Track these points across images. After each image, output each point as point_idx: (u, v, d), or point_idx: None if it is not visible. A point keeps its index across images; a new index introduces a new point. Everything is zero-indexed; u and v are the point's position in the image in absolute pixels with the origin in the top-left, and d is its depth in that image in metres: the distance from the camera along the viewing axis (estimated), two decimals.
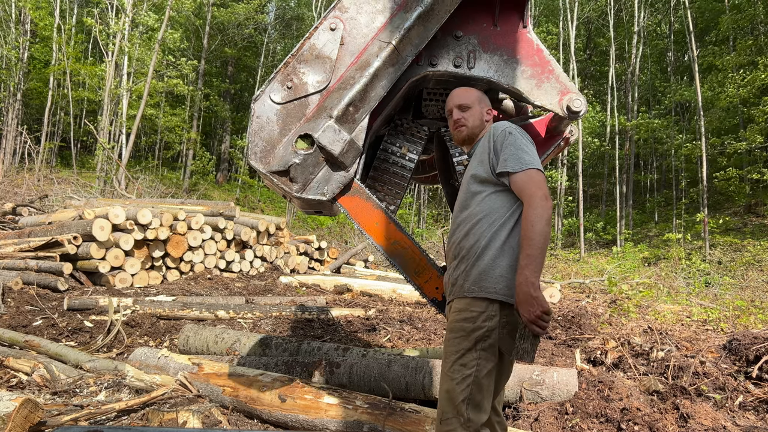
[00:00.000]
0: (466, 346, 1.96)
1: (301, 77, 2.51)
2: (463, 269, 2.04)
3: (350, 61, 2.53)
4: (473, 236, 2.04)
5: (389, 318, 6.49)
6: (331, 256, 12.49)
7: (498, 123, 2.18)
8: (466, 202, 2.12)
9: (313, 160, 2.47)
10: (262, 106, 2.48)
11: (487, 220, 2.02)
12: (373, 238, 2.60)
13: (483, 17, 2.72)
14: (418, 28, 2.49)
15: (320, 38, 2.53)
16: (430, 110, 3.07)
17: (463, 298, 2.01)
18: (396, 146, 2.92)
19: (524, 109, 3.15)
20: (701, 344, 4.48)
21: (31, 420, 2.70)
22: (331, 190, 2.51)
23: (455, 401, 1.93)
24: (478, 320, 1.95)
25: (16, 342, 4.66)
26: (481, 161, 2.11)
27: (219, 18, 26.05)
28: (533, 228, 1.87)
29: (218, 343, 4.45)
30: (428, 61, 2.68)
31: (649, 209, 23.85)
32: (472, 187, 2.11)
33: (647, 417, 3.25)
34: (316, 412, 3.10)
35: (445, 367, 2.00)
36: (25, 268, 7.32)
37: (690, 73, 22.97)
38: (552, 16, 27.45)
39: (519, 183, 1.97)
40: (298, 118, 2.50)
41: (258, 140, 2.47)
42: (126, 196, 15.35)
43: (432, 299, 2.58)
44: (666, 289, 9.13)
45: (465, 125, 2.25)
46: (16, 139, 21.33)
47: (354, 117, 2.49)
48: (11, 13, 22.29)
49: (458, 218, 2.14)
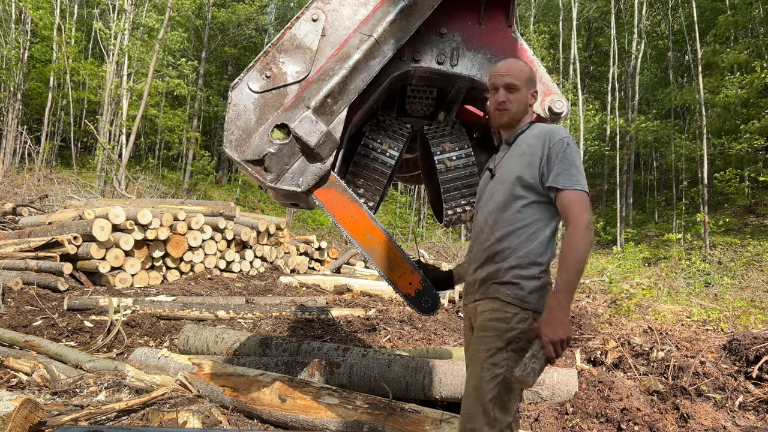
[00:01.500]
0: (499, 345, 1.93)
1: (280, 67, 2.48)
2: (494, 271, 1.99)
3: (331, 52, 2.50)
4: (510, 242, 1.97)
5: (389, 318, 6.49)
6: (331, 256, 12.49)
7: (556, 127, 2.05)
8: (506, 204, 2.01)
9: (289, 151, 2.44)
10: (239, 94, 2.46)
11: (527, 231, 1.97)
12: (347, 232, 2.58)
13: (468, 15, 2.71)
14: (400, 22, 2.48)
15: (301, 28, 2.51)
16: (414, 108, 3.06)
17: (497, 300, 1.97)
18: (377, 142, 2.90)
19: None
20: (701, 344, 4.48)
21: (31, 420, 2.70)
22: (306, 182, 2.49)
23: (483, 399, 1.90)
24: (512, 321, 1.93)
25: (16, 342, 4.66)
26: (530, 164, 1.98)
27: (219, 18, 26.05)
28: (575, 254, 1.84)
29: (218, 343, 4.45)
30: (411, 56, 2.66)
31: (649, 209, 23.86)
32: (516, 189, 1.99)
33: (647, 417, 3.25)
34: (316, 412, 3.10)
35: (474, 365, 1.97)
36: (25, 268, 7.32)
37: (690, 73, 22.96)
38: (552, 16, 27.44)
39: (566, 202, 1.91)
40: (275, 107, 2.47)
41: (234, 128, 2.44)
42: (126, 196, 15.35)
43: (405, 294, 2.57)
44: (666, 289, 9.13)
45: (508, 110, 2.07)
46: (16, 139, 21.34)
47: (332, 109, 2.47)
48: (11, 13, 22.30)
49: (494, 217, 2.03)
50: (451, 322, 6.55)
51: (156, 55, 19.07)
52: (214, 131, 31.45)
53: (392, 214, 26.87)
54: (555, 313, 1.82)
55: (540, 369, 1.81)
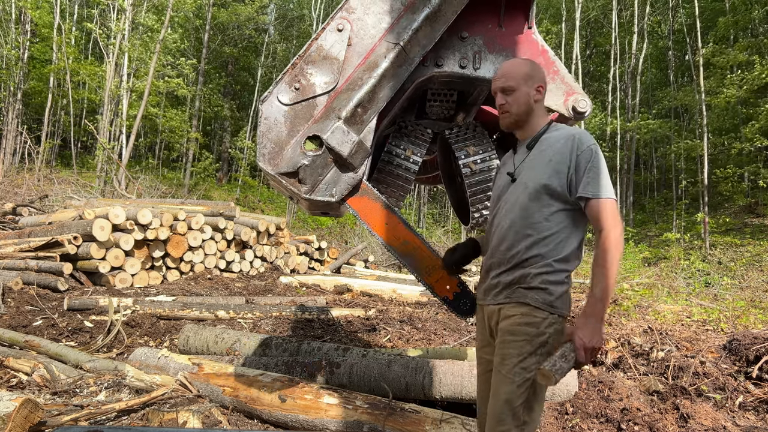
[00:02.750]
0: (529, 350, 1.93)
1: (308, 78, 2.50)
2: (521, 276, 1.98)
3: (358, 62, 2.52)
4: (539, 249, 1.97)
5: (389, 318, 6.49)
6: (331, 257, 12.49)
7: (581, 132, 2.01)
8: (533, 212, 1.98)
9: (322, 162, 2.46)
10: (269, 108, 2.47)
11: (555, 239, 1.97)
12: (383, 239, 2.60)
13: (488, 18, 2.72)
14: (425, 29, 2.49)
15: (327, 39, 2.52)
16: (434, 111, 3.06)
17: (525, 304, 1.96)
18: (400, 148, 2.92)
19: None
20: (701, 344, 4.48)
21: (31, 420, 2.70)
22: (340, 192, 2.50)
23: (513, 404, 1.91)
24: (541, 326, 1.93)
25: (16, 342, 4.66)
26: (558, 172, 1.96)
27: (219, 18, 26.05)
28: (611, 263, 1.86)
29: (218, 343, 4.45)
30: (434, 62, 2.68)
31: (649, 209, 23.87)
32: (543, 197, 1.97)
33: (647, 417, 3.25)
34: (316, 412, 3.10)
35: (504, 370, 1.96)
36: (25, 268, 7.32)
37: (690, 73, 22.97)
38: (552, 17, 27.45)
39: (596, 211, 1.92)
40: (306, 119, 2.49)
41: (266, 142, 2.46)
42: (126, 196, 15.35)
43: (443, 298, 2.58)
44: (666, 289, 9.13)
45: (509, 112, 2.07)
46: (16, 139, 21.33)
47: (362, 118, 2.49)
48: (11, 13, 22.29)
49: (520, 224, 2.00)
50: (451, 322, 6.55)
51: (156, 56, 19.07)
52: (214, 131, 31.45)
53: None
54: (592, 320, 1.84)
55: (567, 370, 1.82)
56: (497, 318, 2.04)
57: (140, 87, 20.77)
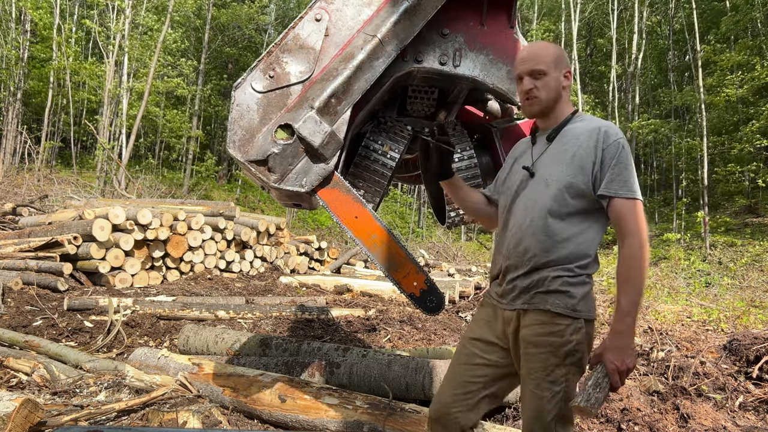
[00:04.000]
0: (555, 362, 1.79)
1: (283, 67, 2.48)
2: (539, 279, 1.84)
3: (334, 52, 2.50)
4: (560, 251, 1.82)
5: (389, 318, 6.49)
6: (331, 257, 12.48)
7: (608, 125, 1.86)
8: (555, 211, 1.82)
9: (293, 151, 2.43)
10: (242, 94, 2.44)
11: (577, 240, 1.82)
12: (351, 232, 2.57)
13: (470, 16, 2.71)
14: (404, 22, 2.47)
15: (305, 28, 2.50)
16: (415, 108, 3.05)
17: (546, 311, 1.82)
18: (378, 144, 2.89)
19: (509, 111, 3.14)
20: (701, 344, 4.48)
21: (31, 420, 2.70)
22: (310, 182, 2.47)
23: (544, 420, 1.79)
24: (565, 334, 1.79)
25: (16, 342, 4.65)
26: (582, 168, 1.80)
27: (219, 19, 26.05)
28: (640, 271, 1.70)
29: (218, 344, 4.45)
30: (414, 57, 2.66)
31: (649, 209, 23.86)
32: (566, 196, 1.81)
33: (647, 417, 3.25)
34: (316, 413, 3.09)
35: (531, 385, 1.82)
36: (25, 268, 7.32)
37: (690, 73, 22.97)
38: (552, 16, 27.45)
39: (620, 212, 1.75)
40: (279, 107, 2.46)
41: (237, 128, 2.43)
42: (126, 196, 15.35)
43: (410, 294, 2.56)
44: (666, 289, 9.13)
45: (538, 97, 1.88)
46: (16, 139, 21.33)
47: (336, 109, 2.46)
48: (11, 13, 22.29)
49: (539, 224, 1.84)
50: (451, 323, 6.55)
51: (156, 56, 19.07)
52: (214, 131, 31.45)
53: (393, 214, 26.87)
54: (623, 339, 1.69)
55: (604, 399, 1.66)
56: (516, 325, 1.90)
57: (140, 87, 20.76)
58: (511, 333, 1.92)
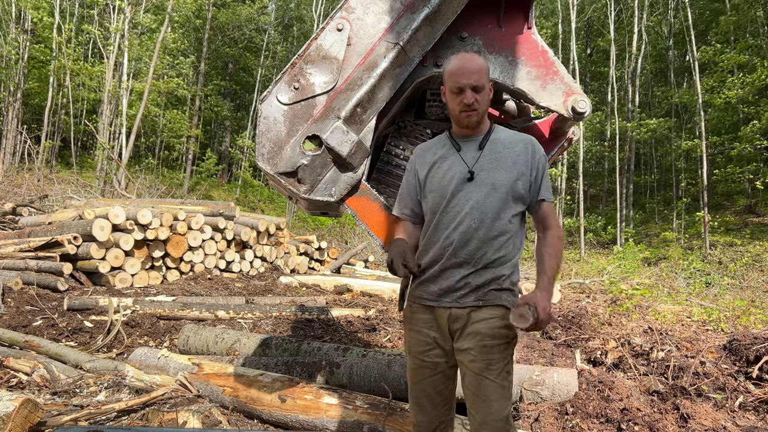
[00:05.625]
0: (510, 352, 2.02)
1: (308, 78, 2.50)
2: (493, 278, 2.00)
3: (357, 61, 2.52)
4: (506, 250, 2.02)
5: (389, 318, 6.49)
6: (331, 257, 12.48)
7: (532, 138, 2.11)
8: (499, 213, 1.99)
9: (321, 161, 2.46)
10: (269, 107, 2.47)
11: (514, 240, 2.06)
12: (380, 239, 2.59)
13: (488, 18, 2.71)
14: (425, 28, 2.49)
15: (327, 39, 2.52)
16: (433, 111, 3.06)
17: (501, 307, 2.00)
18: (399, 148, 2.93)
19: (526, 110, 3.16)
20: (701, 344, 4.48)
21: (31, 420, 2.70)
22: (339, 192, 2.51)
23: (507, 409, 1.96)
24: (512, 328, 2.00)
25: (16, 342, 4.65)
26: (522, 175, 2.02)
27: (219, 19, 26.05)
28: (559, 256, 2.06)
29: (218, 343, 4.45)
30: (434, 62, 2.67)
31: (649, 209, 23.87)
32: (509, 199, 2.01)
33: (647, 417, 3.25)
34: (316, 413, 3.10)
35: (492, 375, 1.94)
36: (25, 268, 7.32)
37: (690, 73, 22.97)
38: (552, 16, 27.44)
39: (547, 212, 2.11)
40: (305, 119, 2.48)
41: (265, 141, 2.45)
42: (126, 196, 15.35)
43: None
44: (666, 289, 9.13)
45: (477, 110, 2.00)
46: (16, 139, 21.33)
47: (362, 118, 2.49)
48: (11, 12, 22.28)
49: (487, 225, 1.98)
50: None
51: (156, 56, 19.06)
52: (214, 131, 31.44)
53: None
54: (547, 296, 1.95)
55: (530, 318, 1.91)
56: (465, 321, 1.99)
57: (140, 87, 20.76)
58: (457, 329, 2.01)
